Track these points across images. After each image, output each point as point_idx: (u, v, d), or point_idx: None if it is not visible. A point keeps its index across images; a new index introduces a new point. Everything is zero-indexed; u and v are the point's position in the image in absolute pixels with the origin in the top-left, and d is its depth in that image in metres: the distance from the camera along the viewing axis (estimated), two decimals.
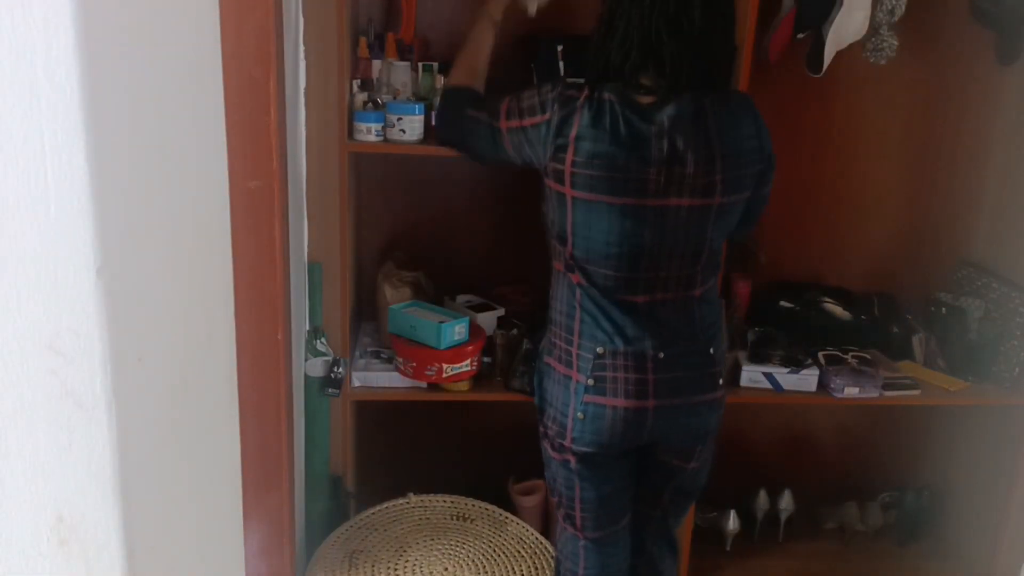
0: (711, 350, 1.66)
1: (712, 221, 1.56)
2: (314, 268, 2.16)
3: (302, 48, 2.04)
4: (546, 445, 1.72)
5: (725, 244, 1.70)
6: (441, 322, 2.09)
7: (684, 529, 2.36)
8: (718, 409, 1.70)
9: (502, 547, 2.11)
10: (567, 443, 1.64)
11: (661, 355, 1.60)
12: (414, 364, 2.11)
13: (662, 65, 1.49)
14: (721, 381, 1.69)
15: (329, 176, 2.12)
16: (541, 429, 1.73)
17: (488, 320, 2.32)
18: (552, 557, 2.08)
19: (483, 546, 2.10)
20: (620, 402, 1.60)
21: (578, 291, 1.60)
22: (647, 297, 1.59)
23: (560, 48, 2.10)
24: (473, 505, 2.26)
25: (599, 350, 1.59)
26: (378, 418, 2.54)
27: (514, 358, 2.20)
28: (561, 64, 2.14)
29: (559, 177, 1.54)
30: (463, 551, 2.08)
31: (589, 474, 1.68)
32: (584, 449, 1.64)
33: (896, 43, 2.20)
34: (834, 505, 2.69)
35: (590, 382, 1.60)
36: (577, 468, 1.67)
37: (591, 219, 1.53)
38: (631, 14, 1.48)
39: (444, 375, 2.11)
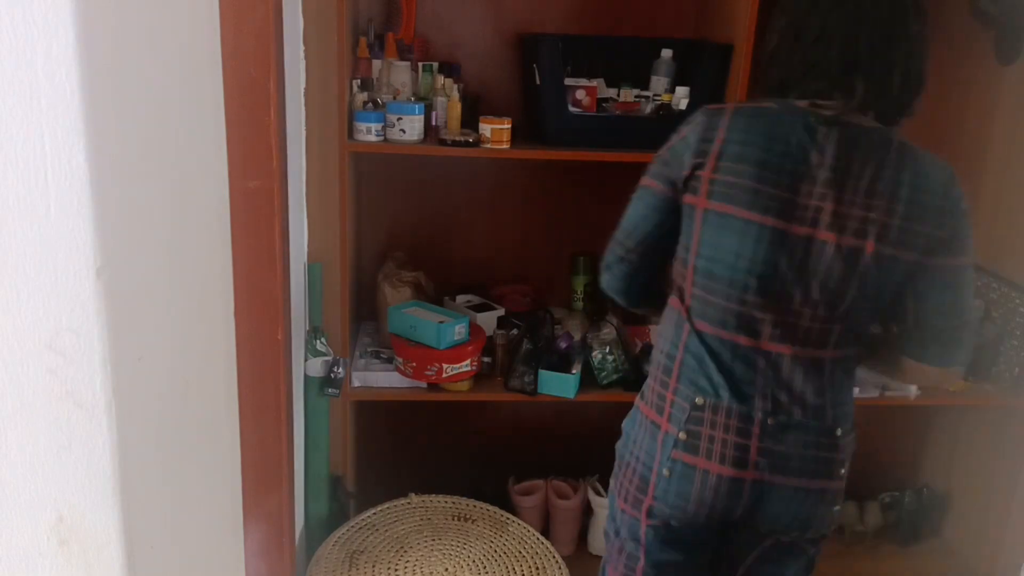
0: (838, 432, 1.39)
1: (862, 274, 1.30)
2: (314, 268, 2.16)
3: (302, 48, 2.04)
4: (618, 499, 1.48)
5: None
6: (441, 322, 2.09)
7: None
8: (831, 503, 1.43)
9: (503, 548, 2.11)
10: (646, 501, 1.41)
11: (770, 421, 1.34)
12: (414, 364, 2.11)
13: (857, 76, 1.29)
14: (843, 472, 1.43)
15: (329, 176, 2.12)
16: (616, 482, 1.50)
17: (488, 320, 2.32)
18: (553, 558, 2.08)
19: (484, 547, 2.10)
20: (714, 467, 1.35)
21: (686, 327, 1.38)
22: (771, 345, 1.34)
23: (561, 46, 2.10)
24: (474, 506, 2.26)
25: (698, 400, 1.35)
26: (378, 418, 2.54)
27: (514, 358, 2.20)
28: (560, 63, 2.14)
29: (694, 186, 1.33)
30: (464, 552, 2.08)
31: (660, 547, 1.43)
32: (664, 514, 1.40)
33: None
34: None
35: (681, 436, 1.36)
36: (648, 536, 1.43)
37: (721, 237, 1.32)
38: (829, 17, 1.29)
39: (444, 375, 2.11)
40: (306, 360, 2.09)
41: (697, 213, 1.33)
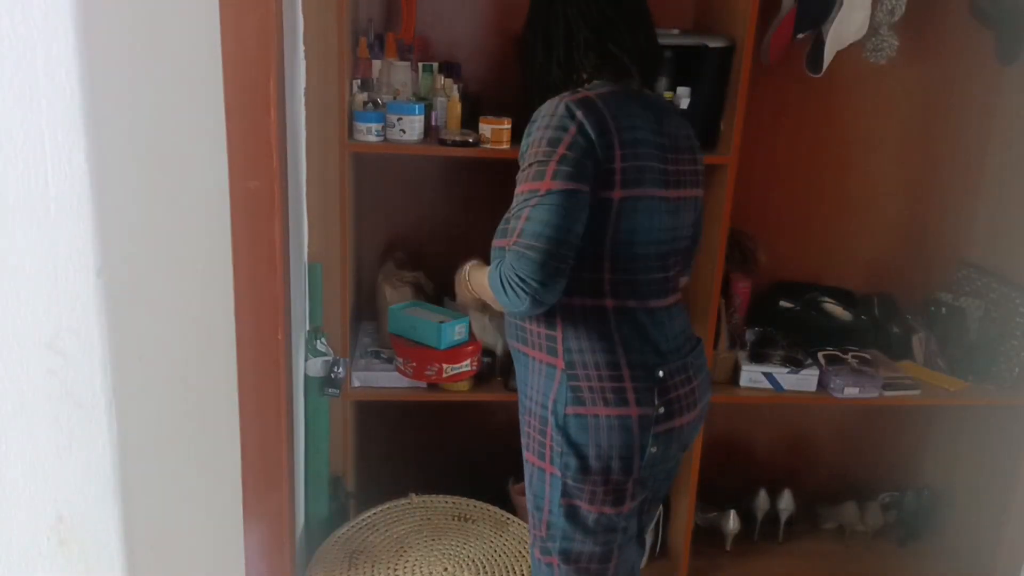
0: (702, 348, 1.62)
1: (697, 219, 1.59)
2: (314, 268, 2.16)
3: (302, 48, 2.04)
4: (583, 508, 1.47)
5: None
6: (441, 322, 2.09)
7: (684, 529, 2.36)
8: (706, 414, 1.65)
9: (503, 548, 2.11)
10: (628, 487, 1.47)
11: (690, 359, 1.53)
12: (414, 364, 2.11)
13: (640, 56, 1.51)
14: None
15: (329, 176, 2.12)
16: (577, 500, 1.47)
17: None
18: None
19: (484, 547, 2.10)
20: (685, 419, 1.50)
21: (612, 318, 1.45)
22: (671, 300, 1.53)
23: None
24: (475, 506, 2.26)
25: (660, 373, 1.46)
26: (378, 418, 2.54)
27: None
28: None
29: (605, 180, 1.38)
30: (464, 552, 2.08)
31: (636, 513, 1.53)
32: (645, 485, 1.50)
33: (896, 43, 2.20)
34: (834, 505, 2.69)
35: (661, 410, 1.45)
36: (626, 518, 1.51)
37: (636, 220, 1.42)
38: (618, 16, 1.49)
39: (444, 375, 2.11)
40: (306, 360, 2.09)
41: (613, 205, 1.40)
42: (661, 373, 1.45)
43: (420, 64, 2.19)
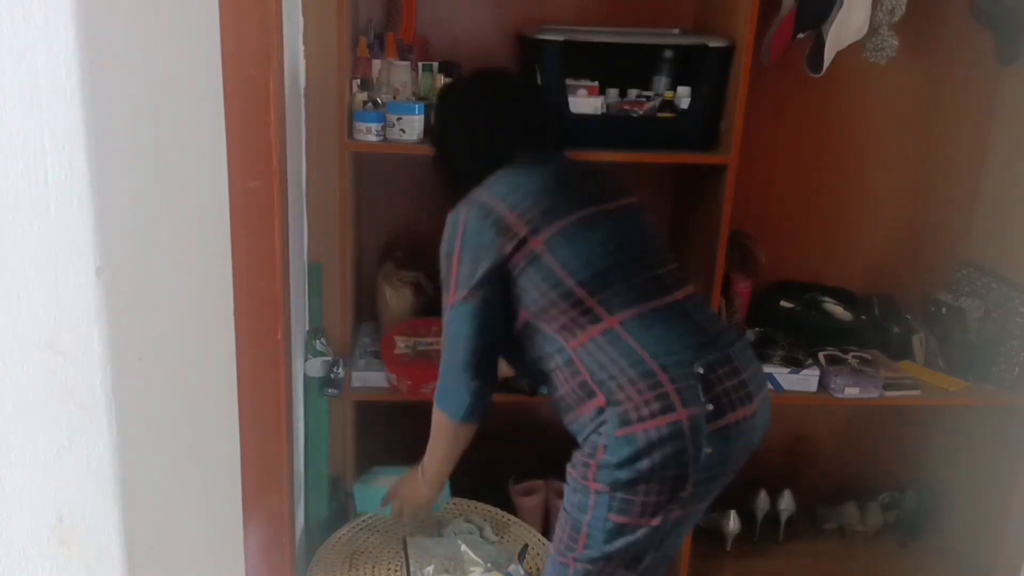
0: (747, 341, 1.53)
1: (646, 220, 1.60)
2: (314, 268, 2.16)
3: (302, 48, 2.04)
4: (628, 524, 1.41)
5: None
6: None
7: None
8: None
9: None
10: (686, 493, 1.40)
11: (732, 351, 1.43)
12: (409, 382, 2.10)
13: (529, 135, 1.64)
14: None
15: (329, 176, 2.12)
16: (622, 517, 1.41)
17: None
18: None
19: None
20: (739, 413, 1.40)
21: (627, 332, 1.39)
22: (681, 293, 1.47)
23: (563, 45, 2.09)
24: (475, 506, 2.26)
25: (700, 369, 1.37)
26: (378, 418, 2.54)
27: None
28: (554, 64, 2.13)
29: (521, 242, 1.45)
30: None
31: (689, 510, 1.46)
32: (701, 482, 1.41)
33: (896, 43, 2.21)
34: (834, 505, 2.69)
35: (710, 407, 1.36)
36: (664, 532, 1.43)
37: (575, 245, 1.45)
38: (480, 114, 1.65)
39: None
40: (306, 360, 2.09)
41: (539, 252, 1.44)
42: (701, 369, 1.37)
43: (420, 64, 2.19)
